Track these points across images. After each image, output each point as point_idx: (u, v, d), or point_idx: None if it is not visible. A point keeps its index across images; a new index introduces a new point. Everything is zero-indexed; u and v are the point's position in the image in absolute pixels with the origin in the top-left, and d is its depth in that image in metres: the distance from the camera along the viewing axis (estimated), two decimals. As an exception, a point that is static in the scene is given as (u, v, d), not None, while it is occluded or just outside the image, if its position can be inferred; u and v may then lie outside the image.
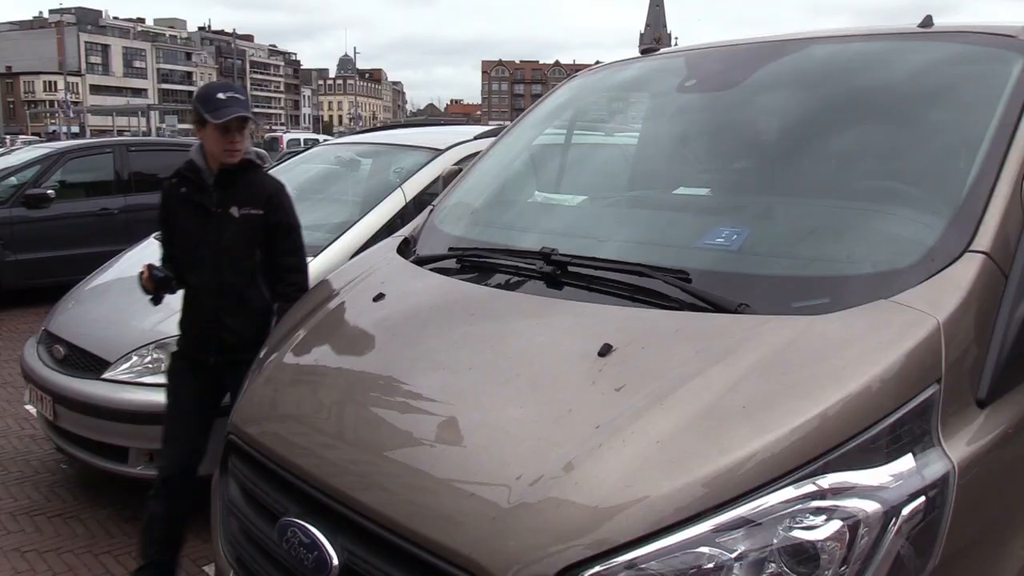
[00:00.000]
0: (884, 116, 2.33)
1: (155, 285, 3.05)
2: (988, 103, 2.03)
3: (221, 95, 2.97)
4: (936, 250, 1.77)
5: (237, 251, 3.08)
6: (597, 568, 1.41)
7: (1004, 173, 1.83)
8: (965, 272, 1.69)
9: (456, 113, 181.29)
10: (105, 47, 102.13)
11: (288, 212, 3.18)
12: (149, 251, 4.47)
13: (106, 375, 3.90)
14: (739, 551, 1.38)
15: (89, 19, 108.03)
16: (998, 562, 1.66)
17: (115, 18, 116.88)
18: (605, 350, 1.76)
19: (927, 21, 2.45)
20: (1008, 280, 1.73)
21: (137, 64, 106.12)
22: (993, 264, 1.71)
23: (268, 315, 3.11)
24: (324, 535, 1.77)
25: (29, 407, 4.44)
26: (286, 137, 35.83)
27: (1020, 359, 1.70)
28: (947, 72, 2.32)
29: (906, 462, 1.49)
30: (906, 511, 1.44)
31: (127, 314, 4.11)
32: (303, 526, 1.81)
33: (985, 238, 1.74)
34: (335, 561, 1.73)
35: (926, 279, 1.71)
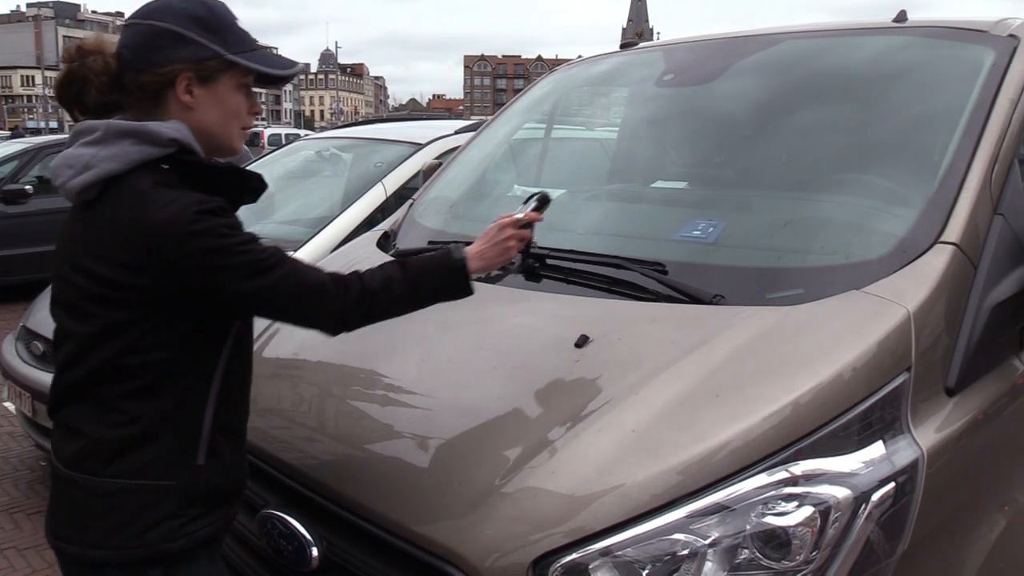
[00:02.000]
0: (859, 110, 2.36)
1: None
2: (960, 97, 2.06)
3: (240, 24, 1.62)
4: (907, 241, 1.80)
5: None
6: (573, 555, 1.42)
7: (974, 166, 1.86)
8: (935, 263, 1.72)
9: (438, 108, 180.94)
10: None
11: None
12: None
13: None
14: (713, 537, 1.40)
15: (67, 13, 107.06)
16: (965, 546, 1.69)
17: (94, 12, 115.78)
18: (582, 341, 1.77)
19: (901, 16, 2.48)
20: (977, 271, 1.76)
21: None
22: (963, 255, 1.74)
23: None
24: (303, 526, 1.77)
25: (8, 404, 4.42)
26: (267, 132, 35.54)
27: (988, 348, 1.74)
28: (920, 66, 2.35)
29: (876, 449, 1.51)
30: (876, 497, 1.46)
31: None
32: (282, 518, 1.81)
33: (955, 230, 1.76)
34: (315, 552, 1.73)
35: (897, 270, 1.73)
